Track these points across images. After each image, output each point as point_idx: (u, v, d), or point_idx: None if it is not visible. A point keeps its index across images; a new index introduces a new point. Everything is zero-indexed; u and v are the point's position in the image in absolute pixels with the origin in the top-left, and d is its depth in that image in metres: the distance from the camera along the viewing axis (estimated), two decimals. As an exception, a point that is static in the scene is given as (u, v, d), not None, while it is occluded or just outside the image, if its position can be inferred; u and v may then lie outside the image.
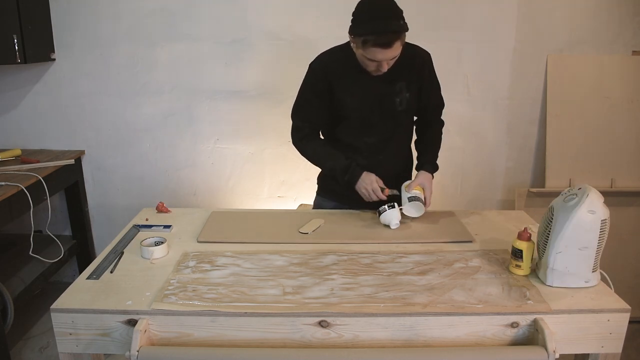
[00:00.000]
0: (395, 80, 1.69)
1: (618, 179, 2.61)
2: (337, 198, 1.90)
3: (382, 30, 1.48)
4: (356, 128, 1.76)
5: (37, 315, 2.66)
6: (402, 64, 1.66)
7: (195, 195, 2.85)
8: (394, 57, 1.56)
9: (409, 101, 1.72)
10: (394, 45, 1.51)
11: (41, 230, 2.68)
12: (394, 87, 1.70)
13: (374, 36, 1.49)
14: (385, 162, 1.79)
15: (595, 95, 2.58)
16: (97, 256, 1.48)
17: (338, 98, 1.73)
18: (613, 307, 1.22)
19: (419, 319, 1.20)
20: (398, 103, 1.71)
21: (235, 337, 1.20)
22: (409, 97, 1.72)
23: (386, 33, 1.48)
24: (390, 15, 1.49)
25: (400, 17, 1.52)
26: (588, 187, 1.29)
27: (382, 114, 1.73)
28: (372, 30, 1.49)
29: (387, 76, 1.66)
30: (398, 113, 1.74)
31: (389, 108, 1.72)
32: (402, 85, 1.70)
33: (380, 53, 1.52)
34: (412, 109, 1.79)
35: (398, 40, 1.51)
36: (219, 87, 2.67)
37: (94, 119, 2.73)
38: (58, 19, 2.57)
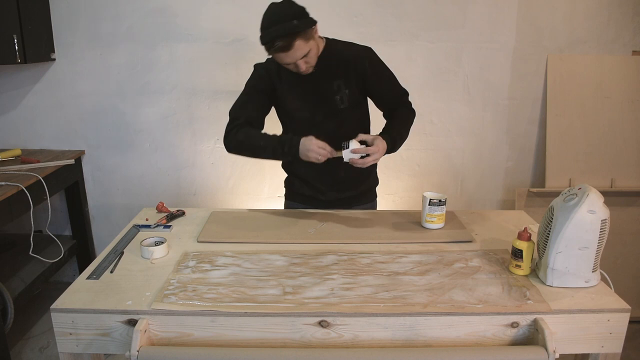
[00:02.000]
0: (332, 79, 1.70)
1: (618, 179, 2.61)
2: (303, 200, 1.92)
3: (273, 36, 1.51)
4: (303, 129, 1.72)
5: (37, 315, 2.66)
6: (338, 63, 1.69)
7: (195, 195, 2.85)
8: (305, 56, 1.56)
9: (350, 97, 1.72)
10: (295, 46, 1.51)
11: (41, 230, 2.68)
12: (331, 86, 1.71)
13: (269, 44, 1.53)
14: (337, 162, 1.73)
15: (596, 95, 2.58)
16: (97, 256, 1.48)
17: (281, 100, 1.77)
18: (613, 307, 1.22)
19: (419, 319, 1.20)
20: (339, 101, 1.72)
21: (235, 337, 1.20)
22: (348, 94, 1.71)
23: (278, 38, 1.50)
24: (280, 20, 1.51)
25: (295, 17, 1.51)
26: (588, 187, 1.29)
27: (325, 113, 1.74)
28: (266, 38, 1.54)
29: (323, 75, 1.68)
30: (341, 110, 1.74)
31: (331, 107, 1.73)
32: (340, 83, 1.70)
33: (284, 57, 1.55)
34: (356, 105, 1.77)
35: (296, 40, 1.51)
36: (219, 87, 2.67)
37: (94, 119, 2.73)
38: (58, 19, 2.57)
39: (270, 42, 1.53)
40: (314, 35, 1.58)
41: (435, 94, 2.66)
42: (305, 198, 1.91)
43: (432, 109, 2.69)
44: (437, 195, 1.65)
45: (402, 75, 1.83)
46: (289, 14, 1.52)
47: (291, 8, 1.55)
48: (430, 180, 2.79)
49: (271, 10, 1.56)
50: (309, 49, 1.56)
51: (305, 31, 1.53)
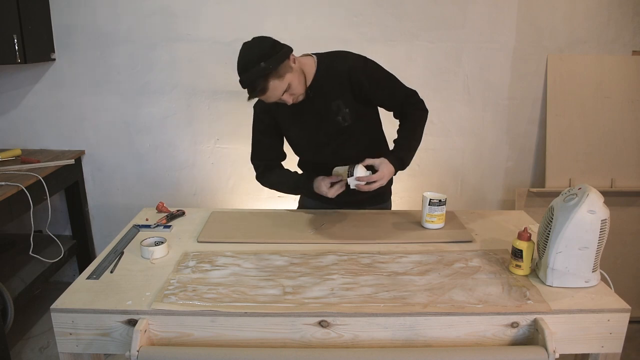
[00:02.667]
0: (330, 100, 1.65)
1: (618, 179, 2.61)
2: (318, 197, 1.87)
3: (246, 84, 1.50)
4: (311, 149, 1.79)
5: (37, 315, 2.66)
6: (333, 82, 1.63)
7: (195, 195, 2.85)
8: (285, 91, 1.53)
9: (352, 115, 1.67)
10: (269, 87, 1.49)
11: (41, 230, 2.68)
12: (330, 107, 1.66)
13: (247, 90, 1.51)
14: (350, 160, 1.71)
15: (596, 95, 2.58)
16: (97, 256, 1.49)
17: (285, 131, 1.78)
18: (613, 307, 1.22)
19: (419, 319, 1.20)
20: (341, 120, 1.67)
21: (235, 337, 1.20)
22: (349, 112, 1.66)
23: (251, 85, 1.49)
24: (248, 65, 1.47)
25: (262, 58, 1.46)
26: (588, 187, 1.29)
27: (329, 135, 1.71)
28: (242, 85, 1.52)
29: (320, 98, 1.64)
30: (345, 128, 1.69)
31: (335, 127, 1.69)
32: (339, 103, 1.65)
33: (265, 99, 1.54)
34: (361, 118, 1.71)
35: (269, 82, 1.48)
36: (219, 87, 2.67)
37: (94, 119, 2.73)
38: (58, 19, 2.57)
39: (246, 89, 1.51)
40: (289, 68, 1.52)
41: (435, 94, 2.66)
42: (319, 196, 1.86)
43: (432, 109, 2.65)
44: (437, 196, 1.65)
45: (402, 75, 1.83)
46: (255, 56, 1.47)
47: (258, 48, 1.49)
48: (430, 180, 2.79)
49: (241, 55, 1.51)
50: (287, 82, 1.51)
51: (276, 70, 1.47)
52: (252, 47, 1.51)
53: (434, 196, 1.65)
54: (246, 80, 1.49)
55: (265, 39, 1.53)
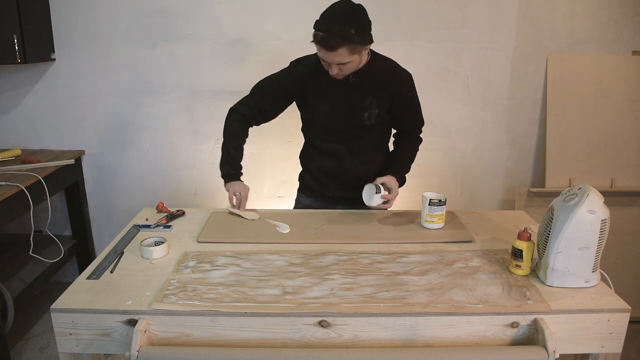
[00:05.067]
0: (366, 96, 1.70)
1: (618, 179, 2.61)
2: (312, 194, 1.96)
3: (324, 30, 1.50)
4: (323, 132, 1.81)
5: (37, 315, 2.66)
6: (376, 81, 1.68)
7: (195, 195, 2.85)
8: (341, 63, 1.55)
9: (378, 117, 1.73)
10: (338, 51, 1.51)
11: (41, 230, 2.68)
12: (363, 101, 1.71)
13: (316, 33, 1.52)
14: (351, 167, 1.82)
15: (596, 95, 2.58)
16: (97, 256, 1.48)
17: (309, 103, 1.77)
18: (613, 307, 1.22)
19: (419, 319, 1.20)
20: (366, 117, 1.73)
21: (235, 337, 1.20)
22: (377, 114, 1.72)
23: (328, 34, 1.49)
24: (341, 20, 1.49)
25: (356, 27, 1.49)
26: (588, 187, 1.29)
27: (348, 125, 1.75)
28: (318, 27, 1.52)
29: (358, 90, 1.68)
30: (366, 126, 1.75)
31: (356, 120, 1.74)
32: (373, 102, 1.71)
33: (323, 52, 1.55)
34: (381, 123, 1.79)
35: (342, 47, 1.50)
36: (219, 87, 2.67)
37: (94, 119, 2.73)
38: (58, 19, 2.57)
39: (318, 33, 1.51)
40: (361, 52, 1.57)
41: (435, 94, 2.66)
42: (314, 192, 1.94)
43: (432, 109, 2.69)
44: (437, 195, 1.65)
45: (402, 75, 1.83)
46: (352, 21, 1.50)
47: (358, 17, 1.53)
48: (430, 180, 2.79)
49: (341, 7, 1.53)
50: (350, 61, 1.55)
51: (355, 46, 1.52)
52: (354, 10, 1.53)
53: (434, 196, 1.65)
54: (327, 27, 1.49)
55: (366, 15, 1.55)
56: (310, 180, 1.94)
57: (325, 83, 1.69)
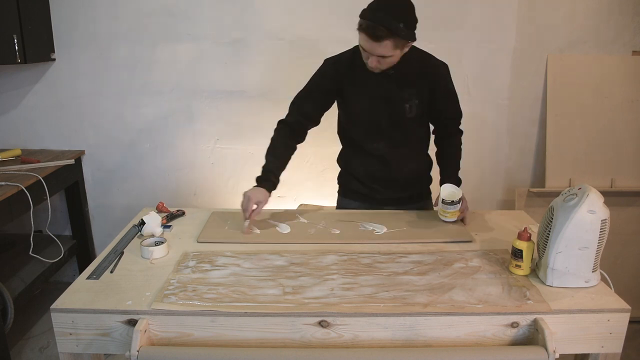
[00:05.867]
0: (405, 87, 1.68)
1: (618, 179, 2.61)
2: (359, 198, 1.91)
3: (372, 19, 1.48)
4: (366, 132, 1.77)
5: (37, 315, 2.66)
6: (414, 72, 1.66)
7: (195, 195, 2.85)
8: (383, 56, 1.54)
9: (418, 109, 1.71)
10: (382, 43, 1.49)
11: (41, 230, 2.68)
12: (403, 93, 1.69)
13: (364, 21, 1.50)
14: (397, 168, 1.80)
15: (595, 95, 2.58)
16: (97, 256, 1.48)
17: (347, 100, 1.74)
18: (613, 307, 1.22)
19: (419, 319, 1.20)
20: (407, 109, 1.70)
21: (235, 337, 1.20)
22: (418, 105, 1.70)
23: (373, 23, 1.47)
24: (391, 13, 1.47)
25: (405, 22, 1.49)
26: (588, 187, 1.29)
27: (390, 119, 1.73)
28: (365, 15, 1.51)
29: (397, 82, 1.66)
30: (407, 120, 1.73)
31: (398, 114, 1.71)
32: (412, 92, 1.69)
33: (365, 41, 1.52)
34: (422, 117, 1.77)
35: (387, 40, 1.48)
36: (219, 87, 2.67)
37: (94, 119, 2.73)
38: (58, 19, 2.57)
39: (365, 20, 1.49)
40: (404, 48, 1.56)
41: (435, 94, 2.65)
42: (361, 196, 1.90)
43: (432, 109, 2.69)
44: (452, 195, 1.66)
45: (402, 75, 1.83)
46: (402, 15, 1.49)
47: (408, 12, 1.52)
48: (430, 180, 2.79)
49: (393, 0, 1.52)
50: (391, 55, 1.54)
51: (399, 38, 1.50)
52: (407, 7, 1.52)
53: (449, 195, 1.66)
54: (375, 17, 1.47)
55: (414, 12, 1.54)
56: (356, 184, 1.89)
57: (363, 77, 1.67)
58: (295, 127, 1.78)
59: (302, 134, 1.81)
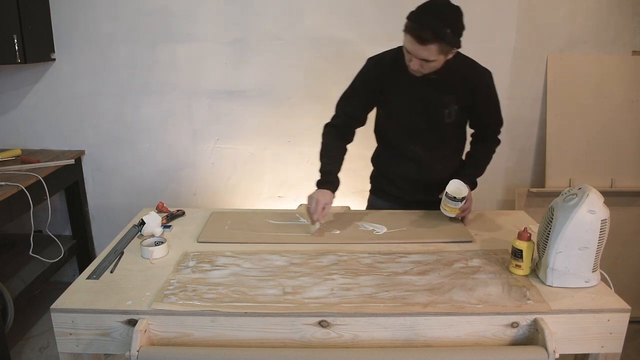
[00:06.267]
0: (446, 92, 1.68)
1: (618, 179, 2.61)
2: (390, 198, 1.91)
3: (419, 20, 1.48)
4: (404, 134, 1.77)
5: (37, 315, 2.66)
6: (456, 77, 1.66)
7: (195, 195, 2.85)
8: (427, 59, 1.53)
9: (458, 114, 1.71)
10: (427, 47, 1.48)
11: (41, 230, 2.68)
12: (443, 98, 1.69)
13: (410, 23, 1.50)
14: (433, 171, 1.79)
15: (595, 95, 2.58)
16: (97, 256, 1.48)
17: (387, 99, 1.74)
18: (613, 307, 1.22)
19: (419, 319, 1.20)
20: (446, 115, 1.70)
21: (235, 337, 1.20)
22: (457, 110, 1.70)
23: (420, 25, 1.47)
24: (439, 17, 1.47)
25: (449, 26, 1.48)
26: (588, 187, 1.29)
27: (429, 123, 1.73)
28: (412, 17, 1.50)
29: (438, 86, 1.66)
30: (445, 125, 1.72)
31: (436, 118, 1.71)
32: (452, 98, 1.69)
33: (410, 43, 1.52)
34: (461, 123, 1.78)
35: (433, 44, 1.48)
36: (219, 87, 2.67)
37: (94, 119, 2.73)
38: (58, 19, 2.57)
39: (412, 21, 1.49)
40: (447, 54, 1.55)
41: (435, 94, 2.65)
42: (391, 197, 1.90)
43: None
44: (457, 191, 1.66)
45: (402, 75, 1.83)
46: (450, 21, 1.49)
47: (456, 18, 1.52)
48: (430, 180, 2.79)
49: (443, 4, 1.52)
50: (435, 59, 1.53)
51: (445, 44, 1.50)
52: (453, 11, 1.53)
53: (453, 190, 1.66)
54: (425, 22, 1.47)
55: (462, 19, 1.55)
56: (387, 184, 1.90)
57: (404, 79, 1.67)
58: (342, 129, 1.80)
59: (350, 134, 1.83)
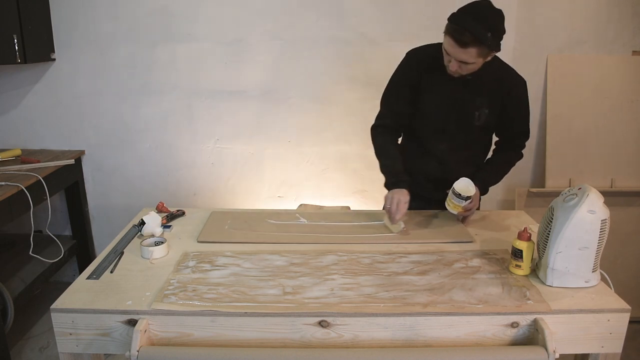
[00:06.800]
0: (479, 95, 1.68)
1: (618, 179, 2.61)
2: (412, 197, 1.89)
3: (460, 24, 1.48)
4: (432, 131, 1.77)
5: (37, 315, 2.66)
6: (490, 81, 1.66)
7: (195, 195, 2.85)
8: (465, 62, 1.53)
9: (488, 118, 1.71)
10: (466, 50, 1.49)
11: (41, 230, 2.68)
12: (474, 100, 1.69)
13: (451, 25, 1.51)
14: (455, 171, 1.77)
15: (595, 95, 2.58)
16: (97, 256, 1.48)
17: (420, 94, 1.74)
18: (613, 307, 1.22)
19: (419, 319, 1.20)
20: (476, 117, 1.70)
21: (235, 337, 1.20)
22: (487, 114, 1.70)
23: (461, 28, 1.47)
24: (481, 21, 1.47)
25: (493, 32, 1.48)
26: (588, 187, 1.29)
27: (458, 123, 1.73)
28: (454, 19, 1.51)
29: (471, 87, 1.67)
30: (474, 127, 1.73)
31: (466, 119, 1.71)
32: (484, 101, 1.69)
33: (450, 45, 1.52)
34: (489, 127, 1.77)
35: (472, 47, 1.48)
36: (219, 87, 2.67)
37: (94, 119, 2.73)
38: (58, 19, 2.57)
39: (453, 23, 1.50)
40: (486, 57, 1.56)
41: (435, 94, 2.65)
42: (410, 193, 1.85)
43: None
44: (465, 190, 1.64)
45: (402, 75, 1.83)
46: (491, 24, 1.49)
47: (497, 21, 1.52)
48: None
49: (483, 6, 1.51)
50: (474, 62, 1.54)
51: (485, 47, 1.50)
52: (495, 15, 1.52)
53: (460, 188, 1.64)
54: (464, 22, 1.47)
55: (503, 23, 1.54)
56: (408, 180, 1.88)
57: (440, 77, 1.67)
58: (393, 127, 1.81)
59: (401, 130, 1.85)
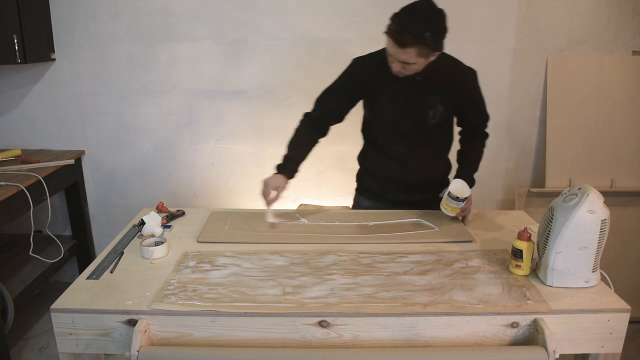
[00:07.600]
0: (431, 94, 1.68)
1: (618, 179, 2.61)
2: (372, 197, 1.91)
3: (398, 24, 1.48)
4: (388, 134, 1.78)
5: (37, 315, 2.66)
6: (441, 78, 1.66)
7: (195, 195, 2.85)
8: (407, 62, 1.53)
9: (443, 115, 1.72)
10: (406, 50, 1.49)
11: (41, 230, 2.68)
12: (427, 100, 1.69)
13: (392, 25, 1.50)
14: (416, 171, 1.80)
15: (595, 95, 2.58)
16: (97, 256, 1.48)
17: (373, 99, 1.74)
18: (613, 307, 1.22)
19: (419, 319, 1.20)
20: (431, 116, 1.71)
21: (235, 337, 1.20)
22: (442, 111, 1.71)
23: (400, 28, 1.47)
24: (419, 20, 1.47)
25: (432, 31, 1.47)
26: (588, 187, 1.29)
27: (413, 124, 1.73)
28: (393, 20, 1.51)
29: (422, 88, 1.67)
30: (430, 126, 1.73)
31: (420, 119, 1.72)
32: (437, 99, 1.69)
33: (390, 46, 1.53)
34: (447, 124, 1.78)
35: (411, 47, 1.48)
36: (219, 87, 2.67)
37: (94, 119, 2.73)
38: (58, 19, 2.57)
39: (392, 25, 1.50)
40: (429, 57, 1.55)
41: (435, 94, 2.65)
42: (374, 195, 1.91)
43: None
44: (460, 191, 1.65)
45: (402, 75, 1.83)
46: (430, 24, 1.48)
47: (437, 21, 1.51)
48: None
49: (422, 6, 1.51)
50: (415, 62, 1.54)
51: (424, 47, 1.49)
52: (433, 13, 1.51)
53: (456, 190, 1.65)
54: (405, 25, 1.47)
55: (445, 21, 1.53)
56: (372, 183, 1.90)
57: (389, 80, 1.67)
58: (317, 121, 1.80)
59: (325, 129, 1.83)
